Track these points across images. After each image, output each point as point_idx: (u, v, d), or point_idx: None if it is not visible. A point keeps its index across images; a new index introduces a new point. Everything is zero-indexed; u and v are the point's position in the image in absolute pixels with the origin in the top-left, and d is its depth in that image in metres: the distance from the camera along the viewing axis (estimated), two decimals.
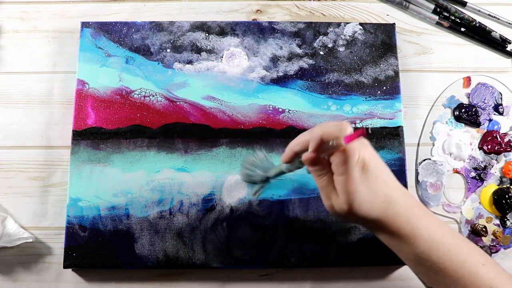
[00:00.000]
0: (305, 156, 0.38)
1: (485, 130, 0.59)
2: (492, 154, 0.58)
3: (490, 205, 0.56)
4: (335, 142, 0.36)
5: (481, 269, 0.37)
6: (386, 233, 0.39)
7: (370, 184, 0.37)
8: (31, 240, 0.53)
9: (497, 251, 0.55)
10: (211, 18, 0.62)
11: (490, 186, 0.57)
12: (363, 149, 0.37)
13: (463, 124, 0.59)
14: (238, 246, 0.53)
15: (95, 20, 0.60)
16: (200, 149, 0.55)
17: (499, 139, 0.58)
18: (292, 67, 0.58)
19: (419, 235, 0.37)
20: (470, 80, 0.61)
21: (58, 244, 0.54)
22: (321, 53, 0.59)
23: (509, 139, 0.58)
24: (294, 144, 0.40)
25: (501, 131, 0.59)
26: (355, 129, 0.34)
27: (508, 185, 0.57)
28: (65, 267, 0.52)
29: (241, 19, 0.62)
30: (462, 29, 0.62)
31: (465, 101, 0.60)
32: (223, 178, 0.54)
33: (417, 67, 0.62)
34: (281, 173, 0.45)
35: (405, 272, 0.55)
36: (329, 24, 0.60)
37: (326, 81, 0.58)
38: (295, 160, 0.41)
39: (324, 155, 0.38)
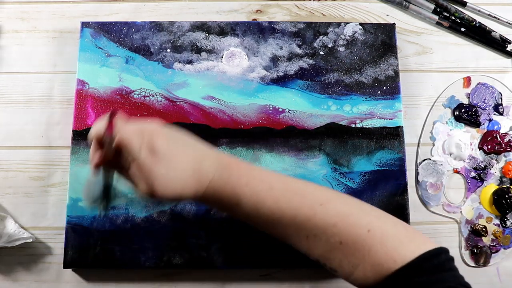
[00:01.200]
0: (95, 159, 0.38)
1: (485, 130, 0.59)
2: (492, 154, 0.58)
3: (490, 205, 0.56)
4: (105, 138, 0.35)
5: (319, 209, 0.35)
6: (210, 201, 0.38)
7: (167, 163, 0.36)
8: (31, 240, 0.53)
9: (497, 251, 0.56)
10: (211, 18, 0.62)
11: (490, 186, 0.57)
12: (147, 134, 0.36)
13: (463, 124, 0.59)
14: (238, 246, 0.53)
15: (95, 20, 0.60)
16: None
17: (499, 139, 0.58)
18: (292, 67, 0.58)
19: (241, 194, 0.36)
20: (470, 80, 0.61)
21: (58, 244, 0.54)
22: (321, 53, 0.59)
23: (509, 139, 0.58)
24: (90, 156, 0.39)
25: (501, 131, 0.59)
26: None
27: (508, 185, 0.57)
28: (65, 267, 0.52)
29: (241, 19, 0.62)
30: (462, 29, 0.62)
31: (465, 101, 0.60)
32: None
33: (417, 67, 0.62)
34: (107, 185, 0.42)
35: None
36: (329, 24, 0.60)
37: (326, 81, 0.58)
38: (100, 169, 0.40)
39: (110, 152, 0.37)
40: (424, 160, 0.58)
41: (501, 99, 0.60)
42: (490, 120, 0.59)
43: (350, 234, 0.35)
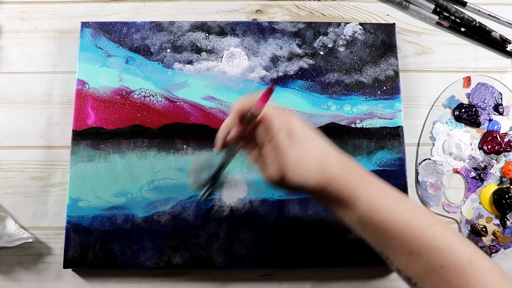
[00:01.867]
0: (232, 133, 0.39)
1: (485, 130, 0.59)
2: (492, 154, 0.58)
3: (490, 205, 0.56)
4: (252, 110, 0.36)
5: (427, 230, 0.36)
6: (326, 197, 0.38)
7: (301, 148, 0.37)
8: (31, 240, 0.53)
9: (497, 251, 0.55)
10: (211, 18, 0.62)
11: (490, 186, 0.57)
12: (287, 116, 0.37)
13: (463, 124, 0.59)
14: (238, 246, 0.53)
15: (95, 20, 0.60)
16: (200, 149, 0.55)
17: (499, 139, 0.58)
18: (292, 67, 0.58)
19: (359, 197, 0.37)
20: (470, 80, 0.61)
21: (58, 244, 0.54)
22: (321, 53, 0.59)
23: (509, 139, 0.58)
24: (221, 130, 0.40)
25: (501, 131, 0.59)
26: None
27: (508, 185, 0.57)
28: (65, 267, 0.52)
29: (241, 19, 0.62)
30: (462, 29, 0.62)
31: (465, 101, 0.60)
32: (223, 178, 0.54)
33: (417, 67, 0.61)
34: (222, 165, 0.44)
35: None
36: (329, 24, 0.60)
37: (326, 81, 0.58)
38: (228, 146, 0.41)
39: (249, 126, 0.38)
40: (424, 160, 0.58)
41: (501, 99, 0.60)
42: (490, 120, 0.59)
43: (453, 260, 0.35)
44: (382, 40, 0.59)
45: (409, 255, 0.36)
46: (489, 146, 0.58)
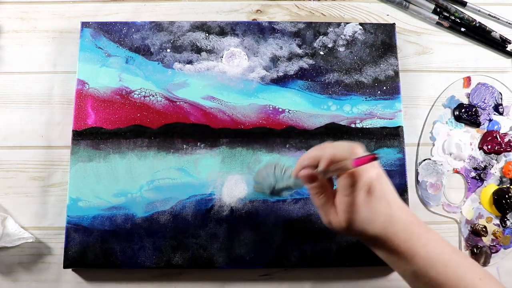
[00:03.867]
0: (302, 173, 0.39)
1: (485, 130, 0.59)
2: (492, 154, 0.58)
3: (490, 205, 0.56)
4: (344, 164, 0.36)
5: (479, 283, 0.37)
6: (384, 250, 0.39)
7: (373, 206, 0.38)
8: (31, 240, 0.53)
9: (497, 251, 0.55)
10: (211, 18, 0.62)
11: (490, 186, 0.57)
12: (371, 170, 0.38)
13: (463, 124, 0.59)
14: (238, 246, 0.53)
15: (95, 20, 0.60)
16: (200, 149, 0.55)
17: (499, 139, 0.58)
18: (292, 67, 0.58)
19: (417, 253, 0.38)
20: (470, 80, 0.61)
21: (58, 244, 0.54)
22: (321, 53, 0.59)
23: (509, 139, 0.58)
24: (304, 159, 0.40)
25: (501, 131, 0.59)
26: (369, 155, 0.36)
27: (508, 185, 0.57)
28: (65, 267, 0.52)
29: (241, 19, 0.62)
30: (462, 29, 0.62)
31: (465, 101, 0.60)
32: (223, 178, 0.54)
33: (417, 67, 0.61)
34: (289, 188, 0.45)
35: None
36: (329, 24, 0.60)
37: (326, 81, 0.58)
38: (298, 178, 0.41)
39: (332, 175, 0.39)
40: (424, 160, 0.58)
41: (501, 99, 0.60)
42: (490, 120, 0.59)
43: None
44: (382, 40, 0.59)
45: None
46: (489, 146, 0.58)
